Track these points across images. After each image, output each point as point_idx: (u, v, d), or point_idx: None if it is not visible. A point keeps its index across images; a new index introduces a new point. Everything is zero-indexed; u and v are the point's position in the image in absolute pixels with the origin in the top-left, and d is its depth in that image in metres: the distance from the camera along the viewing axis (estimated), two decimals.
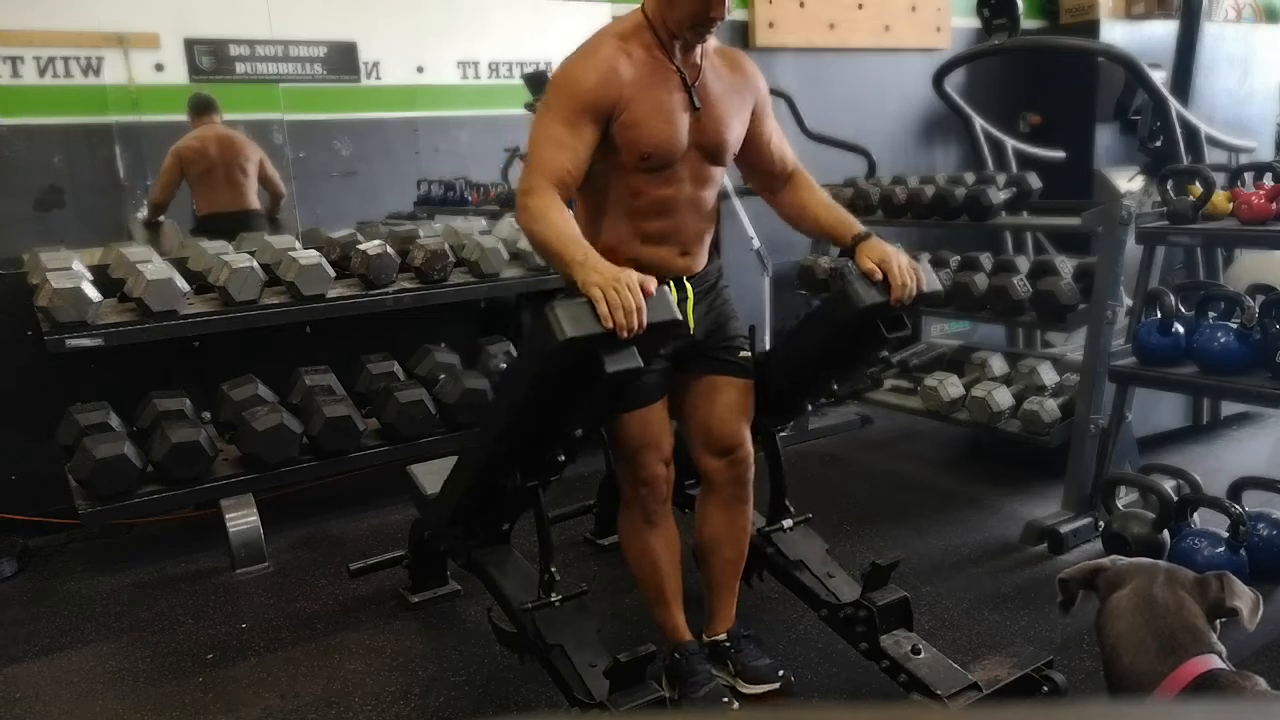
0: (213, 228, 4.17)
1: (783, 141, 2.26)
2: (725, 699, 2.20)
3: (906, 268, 2.00)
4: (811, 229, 2.27)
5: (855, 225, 2.13)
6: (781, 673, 2.30)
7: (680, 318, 1.79)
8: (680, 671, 2.21)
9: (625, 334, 1.67)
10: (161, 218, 4.15)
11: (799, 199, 2.24)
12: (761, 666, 2.31)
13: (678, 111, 2.02)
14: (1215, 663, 1.43)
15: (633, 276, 1.70)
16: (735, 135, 2.12)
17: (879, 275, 1.99)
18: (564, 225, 1.84)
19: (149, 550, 3.36)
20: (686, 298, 2.15)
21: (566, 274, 1.80)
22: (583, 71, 1.95)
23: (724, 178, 2.26)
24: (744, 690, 2.27)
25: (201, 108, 4.40)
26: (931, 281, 2.06)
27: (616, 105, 1.95)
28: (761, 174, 2.27)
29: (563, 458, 2.03)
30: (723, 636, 2.35)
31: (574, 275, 1.75)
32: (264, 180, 4.56)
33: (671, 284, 2.14)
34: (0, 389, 3.41)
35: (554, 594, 2.12)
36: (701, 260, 2.22)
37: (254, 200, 4.52)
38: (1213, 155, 4.03)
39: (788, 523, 2.46)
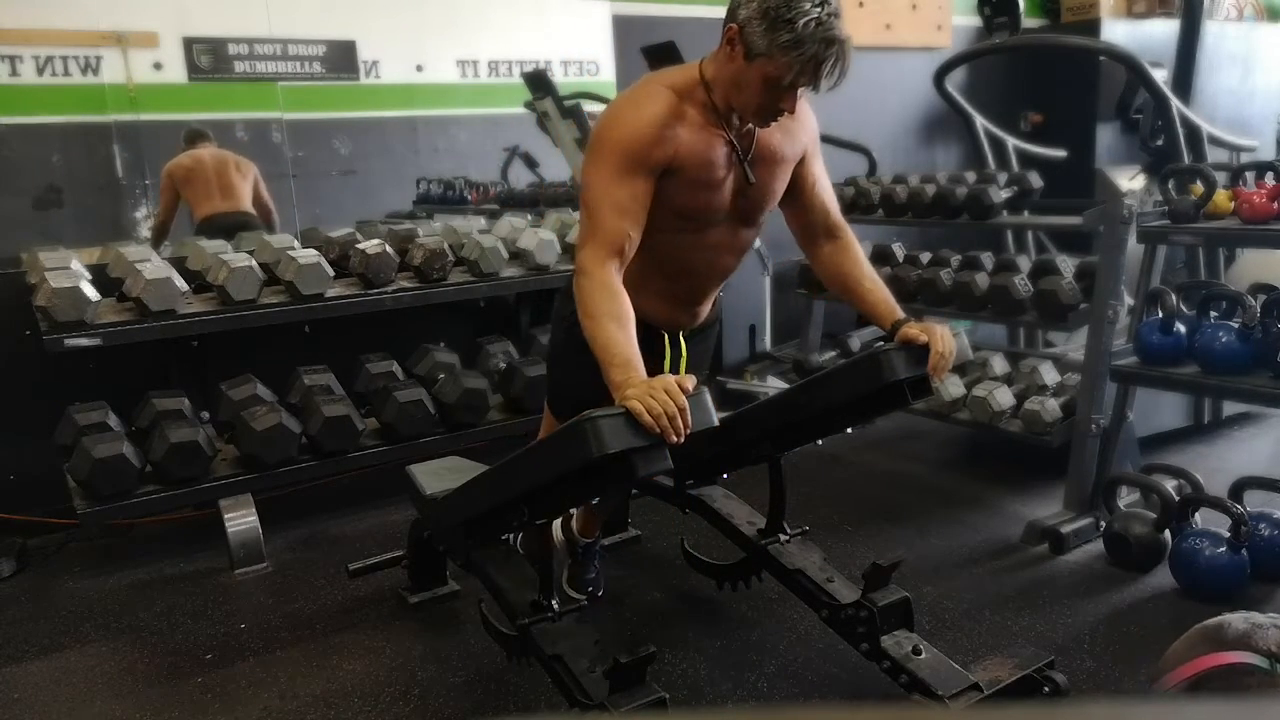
0: (210, 230, 4.18)
1: (828, 189, 2.15)
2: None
3: (949, 338, 1.96)
4: (852, 302, 2.16)
5: (897, 310, 2.07)
6: (590, 589, 2.72)
7: (717, 423, 1.72)
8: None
9: (673, 438, 1.60)
10: (166, 242, 4.14)
11: (843, 267, 2.14)
12: (585, 579, 2.73)
13: (725, 182, 1.95)
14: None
15: (670, 380, 1.62)
16: (779, 192, 2.05)
17: (923, 339, 1.94)
18: (614, 335, 1.75)
19: (148, 550, 3.35)
20: (680, 356, 2.12)
21: (606, 380, 1.73)
22: (637, 124, 1.85)
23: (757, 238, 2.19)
24: (566, 590, 2.70)
25: (193, 137, 4.43)
26: (965, 353, 2.05)
27: (671, 162, 1.87)
28: (802, 220, 2.15)
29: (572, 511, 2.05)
30: (582, 541, 2.77)
31: (612, 393, 1.69)
32: (256, 199, 4.57)
33: (666, 338, 2.11)
34: None
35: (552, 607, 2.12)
36: (707, 310, 2.20)
37: (249, 205, 4.53)
38: (1214, 154, 4.02)
39: (784, 536, 2.45)
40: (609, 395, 1.70)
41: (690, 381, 1.65)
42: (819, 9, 1.73)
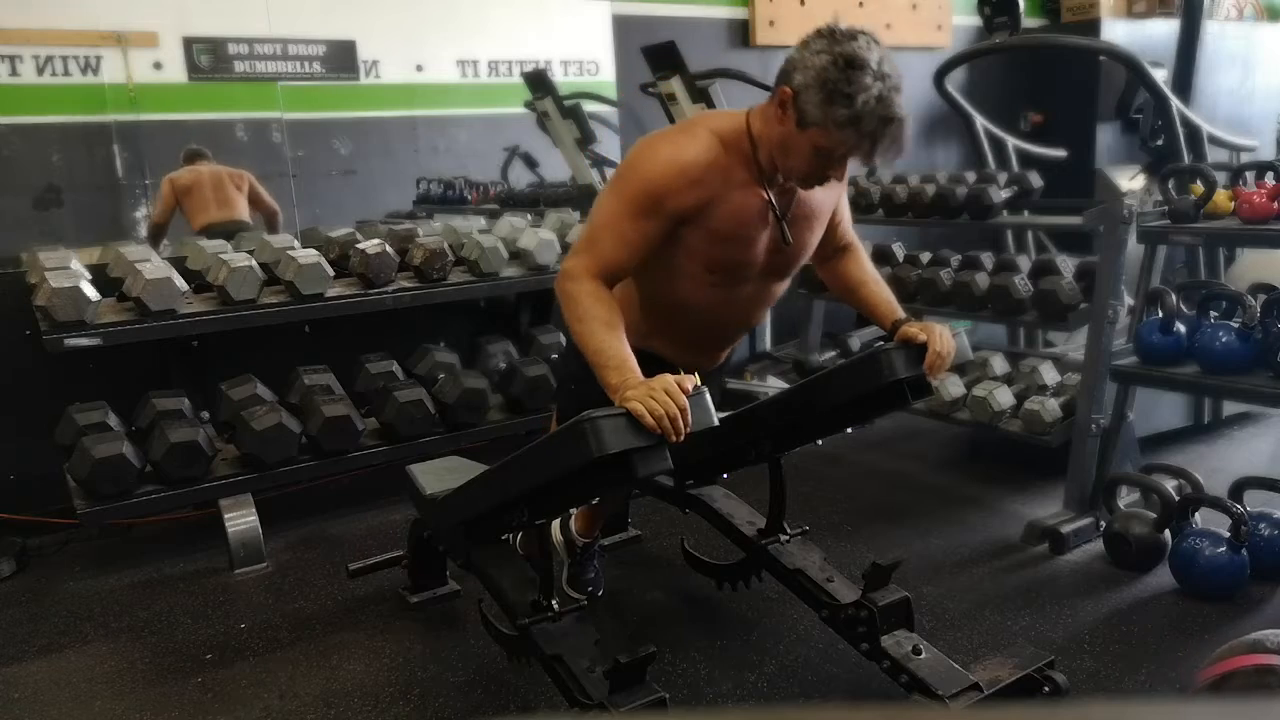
0: (208, 237, 4.20)
1: (848, 215, 2.16)
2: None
3: (947, 338, 1.97)
4: (856, 304, 2.19)
5: (898, 310, 2.10)
6: (590, 589, 2.71)
7: (717, 423, 1.72)
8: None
9: (674, 438, 1.60)
10: (165, 241, 4.17)
11: (849, 272, 2.17)
12: (584, 579, 2.72)
13: (759, 240, 1.91)
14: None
15: (669, 380, 1.61)
16: (814, 245, 2.04)
17: (922, 338, 1.94)
18: (605, 337, 1.73)
19: (147, 550, 3.35)
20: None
21: (600, 382, 1.72)
22: (669, 167, 1.79)
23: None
24: (566, 590, 2.69)
25: (192, 156, 4.47)
26: (965, 353, 2.06)
27: (697, 211, 1.82)
28: (821, 246, 2.14)
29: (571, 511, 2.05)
30: (581, 541, 2.76)
31: (609, 395, 1.67)
32: (255, 201, 4.58)
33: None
34: None
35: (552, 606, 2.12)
36: (727, 352, 2.22)
37: (245, 215, 4.57)
38: (1214, 154, 4.02)
39: (784, 536, 2.45)
40: None
41: (690, 381, 1.65)
42: (879, 83, 1.66)
